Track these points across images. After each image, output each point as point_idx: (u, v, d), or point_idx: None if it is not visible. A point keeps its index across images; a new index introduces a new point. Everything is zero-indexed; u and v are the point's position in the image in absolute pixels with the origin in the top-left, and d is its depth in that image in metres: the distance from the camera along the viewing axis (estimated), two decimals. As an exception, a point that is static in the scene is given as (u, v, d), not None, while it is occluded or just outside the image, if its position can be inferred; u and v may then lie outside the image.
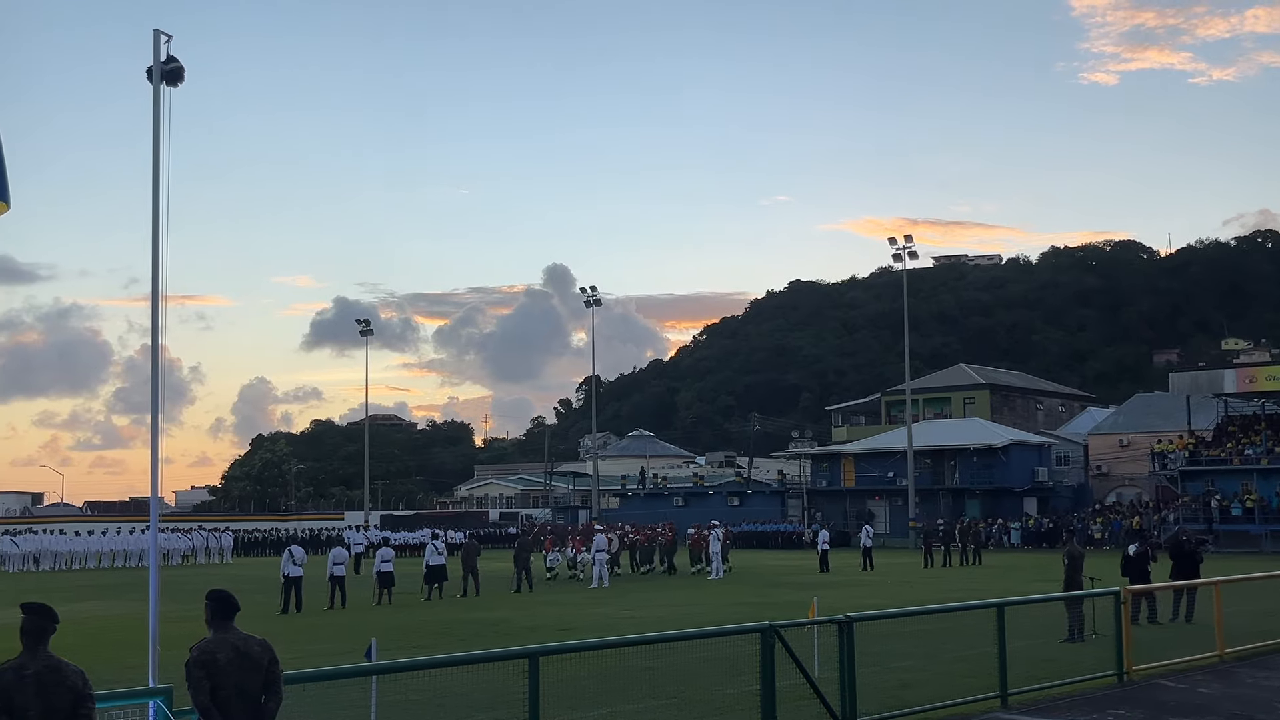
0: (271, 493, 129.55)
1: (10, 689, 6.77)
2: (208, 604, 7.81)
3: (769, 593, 33.44)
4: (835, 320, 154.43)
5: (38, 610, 7.09)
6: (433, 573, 34.34)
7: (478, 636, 22.94)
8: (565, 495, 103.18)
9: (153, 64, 10.22)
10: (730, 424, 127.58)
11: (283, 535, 70.49)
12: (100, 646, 20.84)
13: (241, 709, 7.51)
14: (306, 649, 20.53)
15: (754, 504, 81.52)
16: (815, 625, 13.68)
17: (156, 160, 10.13)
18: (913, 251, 70.11)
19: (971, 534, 51.63)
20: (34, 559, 56.20)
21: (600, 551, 38.64)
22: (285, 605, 29.97)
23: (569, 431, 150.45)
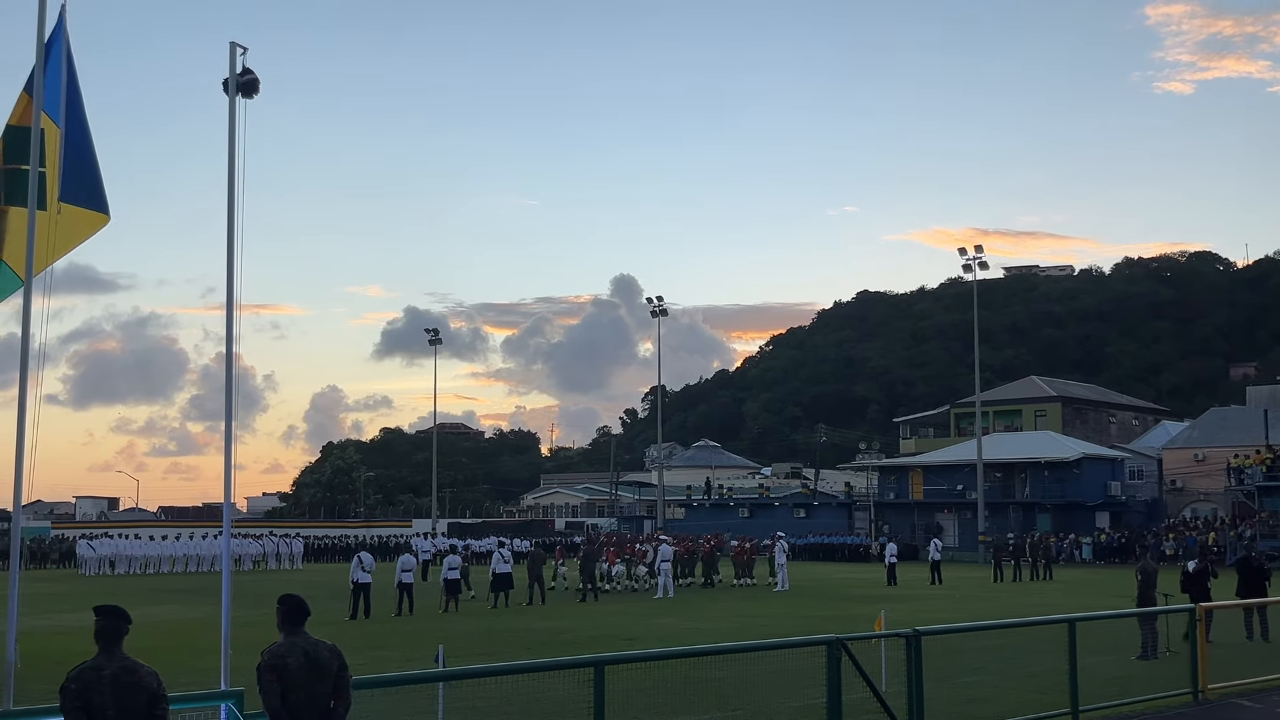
0: (341, 499, 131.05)
1: (88, 689, 6.91)
2: (279, 608, 7.90)
3: (835, 605, 33.20)
4: (904, 331, 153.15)
5: (111, 613, 7.24)
6: (499, 581, 34.53)
7: (543, 645, 23.02)
8: (630, 505, 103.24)
9: (228, 76, 10.40)
10: (797, 435, 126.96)
11: (352, 542, 71.24)
12: (173, 649, 21.17)
13: (311, 713, 7.59)
14: (374, 655, 20.72)
15: (820, 516, 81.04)
16: (883, 638, 13.56)
17: (232, 171, 10.30)
18: (983, 262, 69.37)
19: (1042, 548, 50.92)
20: (110, 563, 57.21)
21: (665, 562, 38.58)
22: (354, 611, 30.24)
23: (634, 441, 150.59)
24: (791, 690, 13.51)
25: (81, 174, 9.59)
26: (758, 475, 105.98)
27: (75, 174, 9.54)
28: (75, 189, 9.55)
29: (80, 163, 9.60)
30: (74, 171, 9.53)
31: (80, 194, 9.62)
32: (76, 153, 9.57)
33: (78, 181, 9.57)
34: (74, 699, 6.91)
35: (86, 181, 9.65)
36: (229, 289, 10.33)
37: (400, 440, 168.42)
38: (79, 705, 6.90)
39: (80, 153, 9.62)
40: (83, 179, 9.61)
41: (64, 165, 9.48)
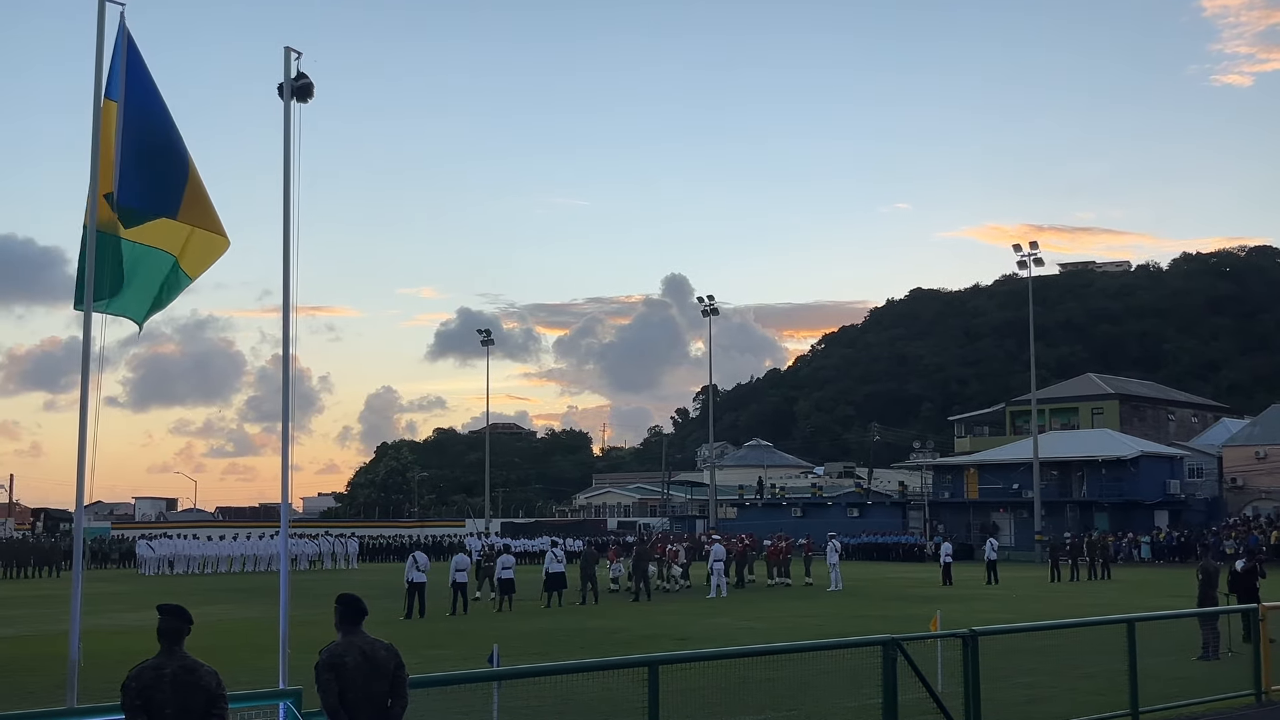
0: (395, 500, 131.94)
1: (149, 687, 7.00)
2: (337, 608, 7.96)
3: (889, 605, 33.00)
4: (957, 329, 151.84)
5: (173, 612, 7.33)
6: (552, 580, 34.64)
7: (597, 644, 23.05)
8: (683, 505, 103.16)
9: (283, 81, 10.49)
10: (849, 434, 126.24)
11: (406, 541, 71.73)
12: (231, 648, 21.40)
13: (369, 711, 7.64)
14: (429, 654, 20.85)
15: (874, 515, 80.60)
16: (939, 639, 13.46)
17: (288, 175, 10.38)
18: (1038, 259, 68.66)
19: (1100, 548, 50.35)
20: (169, 563, 57.97)
21: (718, 562, 38.50)
22: (409, 611, 30.44)
23: (686, 441, 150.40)
24: (846, 691, 13.44)
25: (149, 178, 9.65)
26: (810, 475, 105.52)
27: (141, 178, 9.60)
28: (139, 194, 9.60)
29: (168, 168, 9.68)
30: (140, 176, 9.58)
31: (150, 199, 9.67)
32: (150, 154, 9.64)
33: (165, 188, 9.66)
34: (134, 697, 7.00)
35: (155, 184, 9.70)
36: (285, 292, 10.43)
37: (453, 440, 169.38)
38: (139, 703, 6.99)
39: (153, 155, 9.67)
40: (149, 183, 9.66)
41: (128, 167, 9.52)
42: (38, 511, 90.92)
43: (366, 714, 7.62)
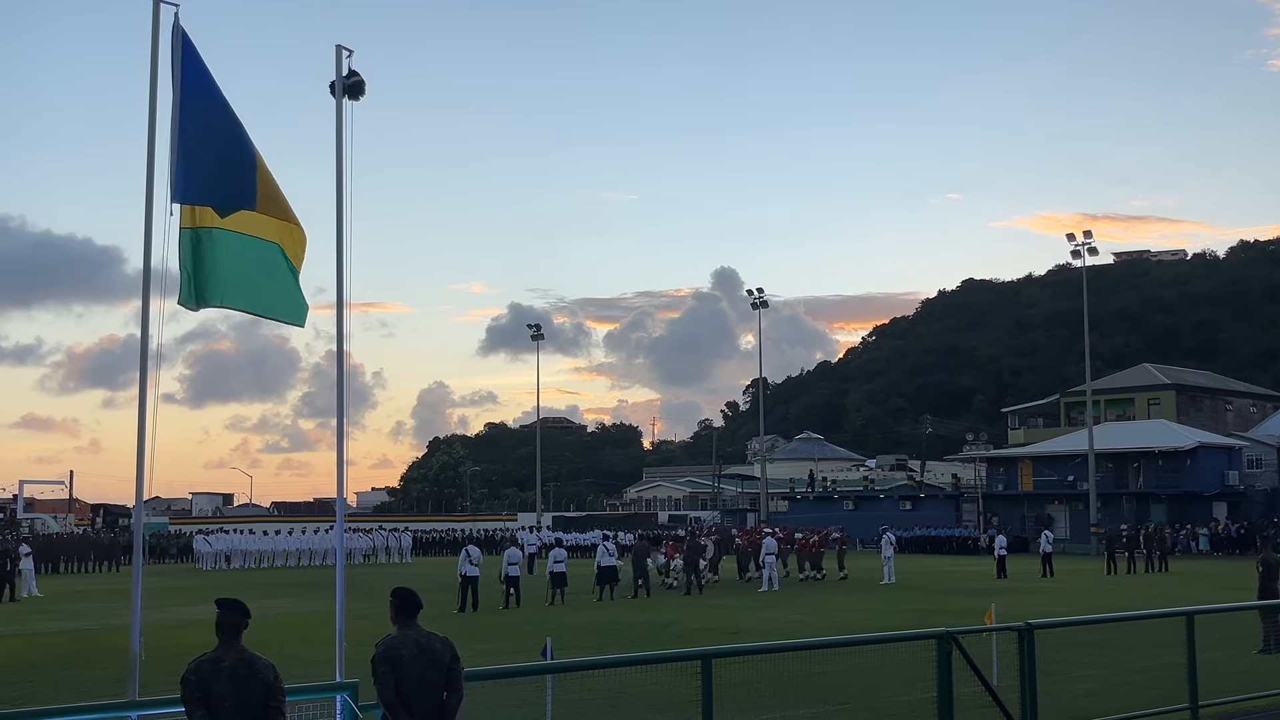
0: (448, 494, 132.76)
1: (208, 680, 7.10)
2: (393, 601, 8.01)
3: (943, 599, 32.80)
4: (1010, 319, 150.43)
5: (231, 606, 7.42)
6: (604, 574, 34.72)
7: (649, 638, 23.07)
8: (733, 498, 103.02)
9: (335, 79, 10.57)
10: (901, 426, 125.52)
11: (459, 536, 72.16)
12: (287, 642, 21.63)
13: (425, 704, 7.69)
14: (482, 647, 20.95)
15: (927, 508, 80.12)
16: (994, 632, 13.35)
17: (340, 172, 10.46)
18: (1092, 248, 67.96)
19: (1157, 540, 49.76)
20: (225, 557, 58.62)
21: (769, 555, 38.42)
22: (462, 604, 30.63)
23: (736, 434, 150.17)
24: (900, 684, 13.37)
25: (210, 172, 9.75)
26: (862, 467, 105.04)
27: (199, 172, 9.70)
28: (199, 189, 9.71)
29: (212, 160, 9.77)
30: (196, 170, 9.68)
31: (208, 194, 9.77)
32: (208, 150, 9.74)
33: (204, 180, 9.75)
34: (194, 689, 7.10)
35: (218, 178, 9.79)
36: (339, 288, 10.51)
37: (505, 435, 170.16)
38: (198, 696, 7.08)
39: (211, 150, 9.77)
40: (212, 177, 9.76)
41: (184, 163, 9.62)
42: (97, 507, 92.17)
43: (422, 706, 7.67)
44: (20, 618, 30.52)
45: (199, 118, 9.65)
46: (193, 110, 9.63)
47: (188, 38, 9.73)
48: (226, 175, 9.75)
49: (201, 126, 9.65)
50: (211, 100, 9.80)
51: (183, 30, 9.71)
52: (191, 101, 9.64)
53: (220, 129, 9.78)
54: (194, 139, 9.57)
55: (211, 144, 9.68)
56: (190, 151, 9.54)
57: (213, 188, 9.68)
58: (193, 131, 9.57)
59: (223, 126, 9.80)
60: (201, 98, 9.73)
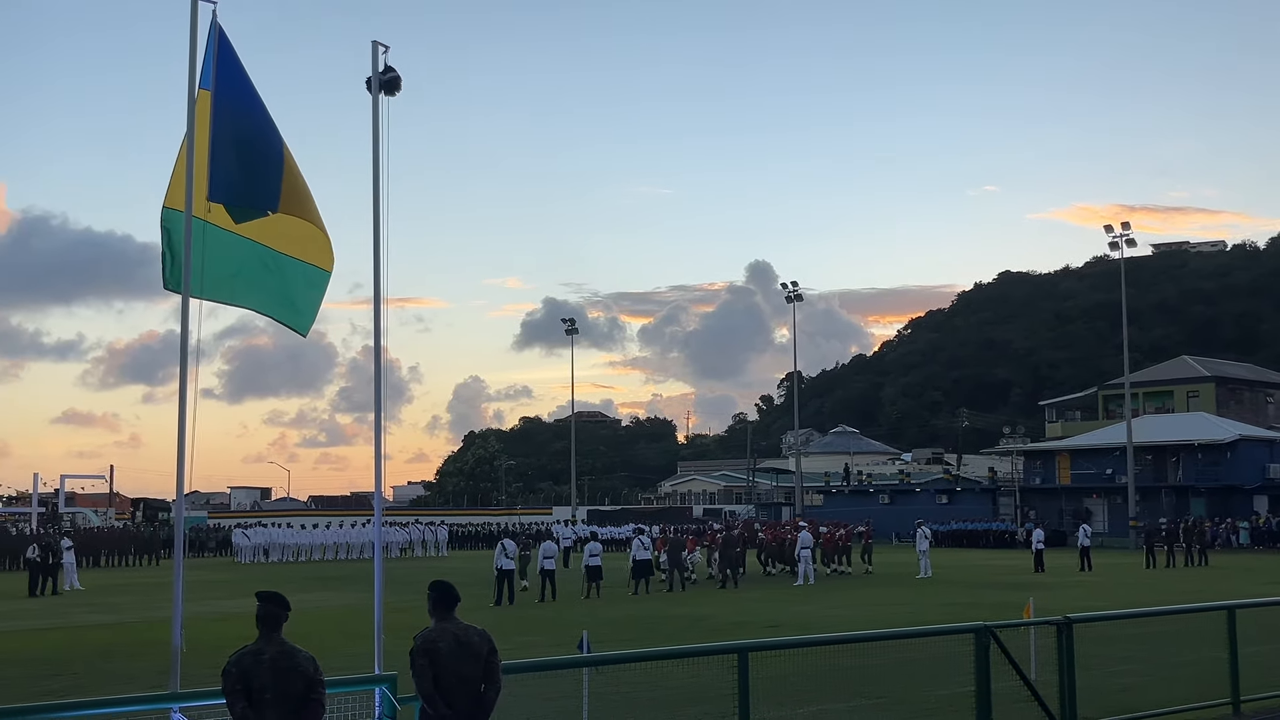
0: (483, 488, 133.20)
1: (249, 672, 7.17)
2: (430, 594, 8.06)
3: (979, 593, 32.64)
4: (1047, 312, 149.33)
5: (272, 599, 7.49)
6: (639, 567, 34.79)
7: (684, 631, 23.10)
8: (768, 492, 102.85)
9: (371, 75, 10.62)
10: (937, 420, 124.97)
11: (494, 529, 72.42)
12: (325, 634, 21.78)
13: (463, 696, 7.73)
14: (519, 640, 21.03)
15: (963, 502, 79.74)
16: (1032, 626, 13.28)
17: (377, 168, 10.50)
18: (1130, 239, 67.32)
19: (1196, 534, 49.33)
20: (263, 551, 59.08)
21: (805, 549, 38.35)
22: (498, 598, 30.75)
23: (771, 428, 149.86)
24: (938, 678, 13.33)
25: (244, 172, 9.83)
26: (897, 461, 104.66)
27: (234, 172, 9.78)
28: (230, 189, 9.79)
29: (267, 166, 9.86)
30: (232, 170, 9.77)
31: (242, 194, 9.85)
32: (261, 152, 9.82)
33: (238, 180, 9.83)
34: (235, 682, 7.17)
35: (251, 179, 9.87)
36: (376, 284, 10.55)
37: (539, 429, 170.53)
38: (240, 688, 7.15)
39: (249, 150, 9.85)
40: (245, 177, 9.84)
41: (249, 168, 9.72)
42: (137, 501, 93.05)
43: (460, 698, 7.72)
44: (63, 610, 30.88)
45: (231, 117, 9.73)
46: (225, 109, 9.71)
47: (225, 36, 9.80)
48: (251, 177, 9.82)
49: (232, 126, 9.72)
50: (243, 99, 9.86)
51: (220, 28, 9.78)
52: (225, 100, 9.72)
53: (249, 129, 9.84)
54: (223, 139, 9.65)
55: (239, 144, 9.75)
56: (220, 151, 9.63)
57: (236, 189, 9.76)
58: (223, 131, 9.65)
59: (251, 126, 9.86)
60: (234, 97, 9.80)
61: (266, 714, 7.11)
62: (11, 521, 78.33)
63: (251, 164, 9.80)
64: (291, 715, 7.17)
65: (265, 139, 9.92)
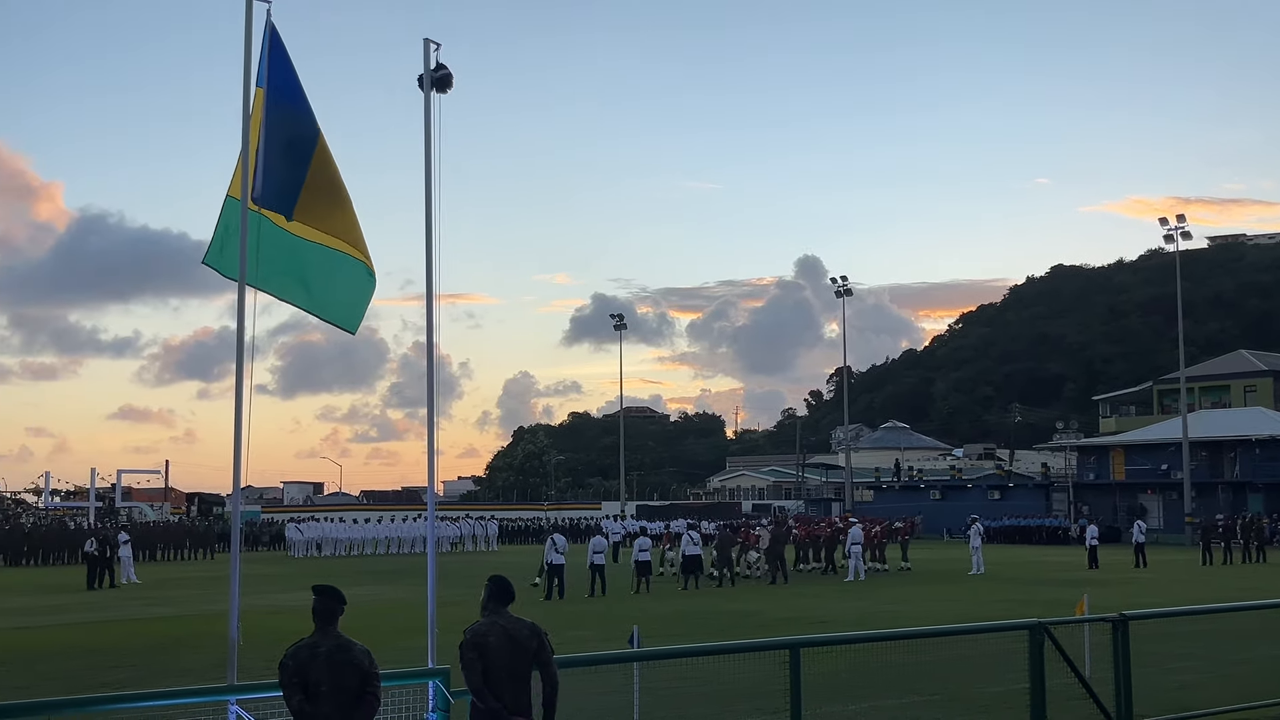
0: (533, 483, 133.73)
1: (305, 665, 7.24)
2: (488, 586, 8.10)
3: (1033, 589, 32.35)
4: (1101, 306, 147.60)
5: (327, 592, 7.57)
6: (689, 562, 34.79)
7: (734, 627, 23.08)
8: (818, 488, 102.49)
9: (423, 72, 10.67)
10: (989, 415, 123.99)
11: (544, 524, 72.67)
12: (379, 628, 21.95)
13: (512, 689, 7.77)
14: (570, 634, 21.09)
15: (1016, 498, 79.06)
16: (1087, 623, 13.15)
17: (429, 165, 10.56)
18: (1185, 232, 66.44)
19: (1254, 530, 48.63)
20: (316, 545, 59.63)
21: (855, 545, 38.18)
22: (549, 592, 30.86)
23: (820, 423, 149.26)
24: (991, 675, 13.24)
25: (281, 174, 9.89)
26: (949, 457, 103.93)
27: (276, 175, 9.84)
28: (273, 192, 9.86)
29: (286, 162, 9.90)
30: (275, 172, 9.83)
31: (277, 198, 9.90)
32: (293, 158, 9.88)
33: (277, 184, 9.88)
34: (291, 675, 7.24)
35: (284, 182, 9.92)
36: (428, 280, 10.62)
37: (588, 424, 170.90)
38: (296, 681, 7.22)
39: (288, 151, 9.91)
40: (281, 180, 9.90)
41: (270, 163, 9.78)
42: (191, 496, 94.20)
43: (510, 692, 7.75)
44: (120, 604, 31.34)
45: (278, 119, 9.80)
46: (274, 110, 9.78)
47: (277, 36, 9.88)
48: (285, 179, 9.88)
49: (279, 128, 9.80)
50: (291, 101, 9.92)
51: (273, 28, 9.86)
52: (274, 101, 9.80)
53: (290, 132, 9.88)
54: (271, 140, 9.72)
55: (282, 147, 9.80)
56: (268, 152, 9.71)
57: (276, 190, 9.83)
58: (271, 132, 9.73)
59: (290, 130, 9.89)
60: (283, 98, 9.87)
61: (322, 707, 7.17)
62: (69, 516, 79.61)
63: (283, 169, 9.86)
64: (347, 708, 7.24)
65: (301, 143, 9.94)
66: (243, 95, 9.75)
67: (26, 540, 56.08)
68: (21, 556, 53.89)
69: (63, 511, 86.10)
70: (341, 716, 7.20)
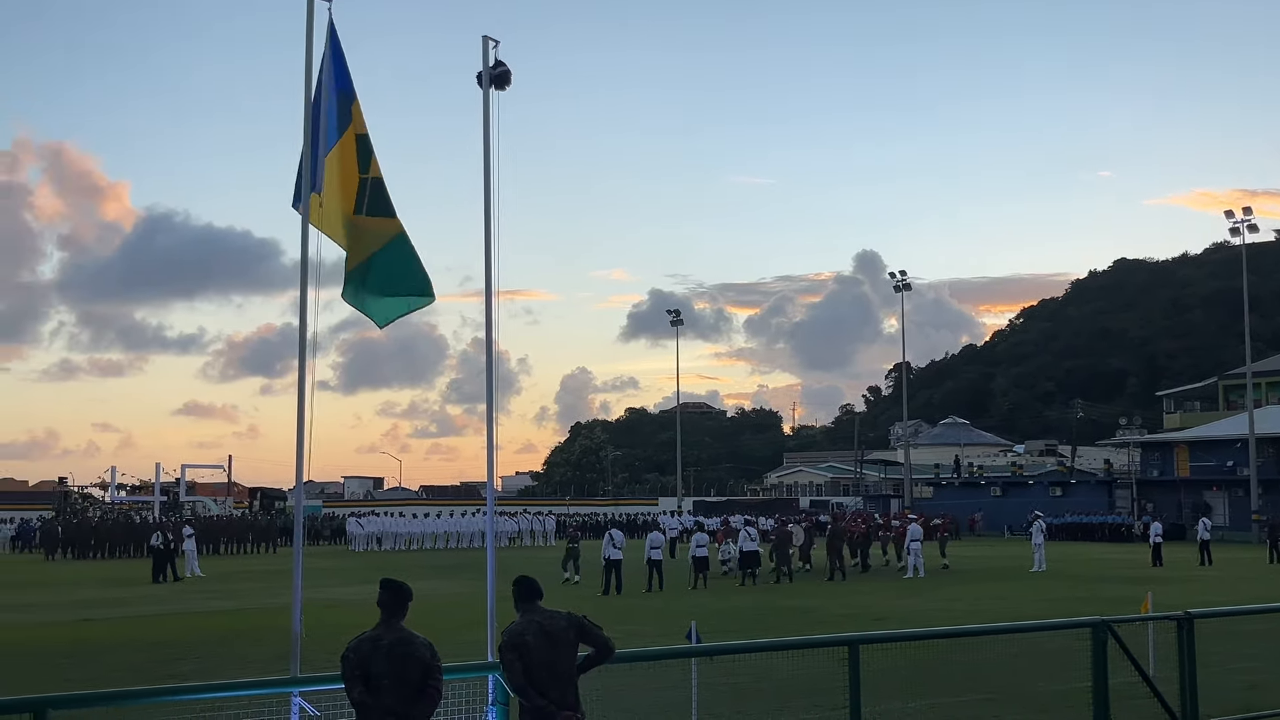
0: (590, 478, 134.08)
1: (367, 658, 7.32)
2: (514, 590, 8.16)
3: (1094, 587, 31.99)
4: (1165, 300, 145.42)
5: (393, 586, 7.67)
6: (746, 558, 34.74)
7: (792, 623, 23.02)
8: (876, 484, 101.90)
9: (482, 69, 10.74)
10: (1050, 411, 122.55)
11: (601, 519, 72.85)
12: (438, 622, 22.11)
13: (554, 684, 7.81)
14: (627, 629, 21.15)
15: (1078, 494, 78.15)
16: (1151, 621, 12.99)
17: (487, 162, 10.63)
18: (1252, 225, 65.33)
19: (1323, 528, 47.66)
20: (376, 539, 60.21)
21: (915, 541, 37.93)
22: (606, 587, 30.95)
23: (879, 419, 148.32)
24: (1052, 673, 13.12)
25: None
26: (1009, 453, 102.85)
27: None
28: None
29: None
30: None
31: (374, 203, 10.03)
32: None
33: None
34: (354, 667, 7.33)
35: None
36: (487, 277, 10.69)
37: (645, 420, 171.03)
38: (358, 674, 7.31)
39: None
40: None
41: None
42: (254, 490, 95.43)
43: (553, 687, 7.79)
44: (184, 597, 31.83)
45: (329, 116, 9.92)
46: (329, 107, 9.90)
47: (335, 34, 9.99)
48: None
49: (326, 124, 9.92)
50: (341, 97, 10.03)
51: (332, 26, 9.97)
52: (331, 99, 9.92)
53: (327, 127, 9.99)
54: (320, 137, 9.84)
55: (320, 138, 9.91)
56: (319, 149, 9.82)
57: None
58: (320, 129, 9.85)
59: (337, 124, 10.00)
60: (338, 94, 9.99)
61: (384, 699, 7.25)
62: (135, 510, 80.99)
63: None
64: (408, 701, 7.31)
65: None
66: (304, 94, 9.86)
67: (94, 534, 57.10)
68: (89, 550, 54.88)
69: (128, 506, 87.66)
70: (403, 709, 7.27)
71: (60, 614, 26.78)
